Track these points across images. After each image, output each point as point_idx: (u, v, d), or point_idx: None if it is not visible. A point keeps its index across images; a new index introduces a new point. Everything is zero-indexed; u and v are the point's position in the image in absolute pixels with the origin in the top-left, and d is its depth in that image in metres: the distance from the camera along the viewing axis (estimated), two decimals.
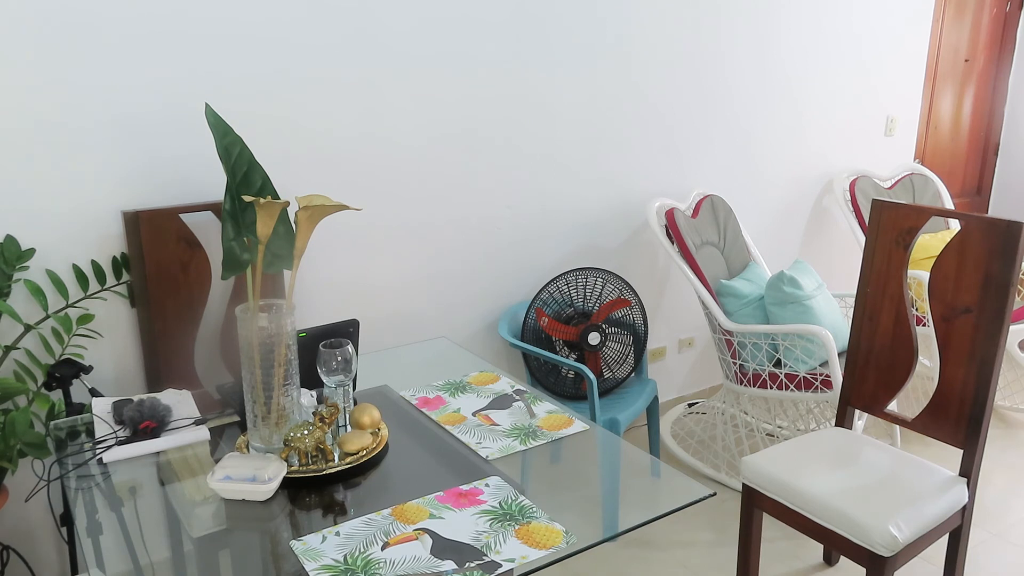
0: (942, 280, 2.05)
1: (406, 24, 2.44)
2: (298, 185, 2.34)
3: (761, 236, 3.55)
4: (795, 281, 2.79)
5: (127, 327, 2.18)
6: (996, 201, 4.95)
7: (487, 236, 2.78)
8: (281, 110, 2.29)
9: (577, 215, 2.98)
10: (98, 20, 1.98)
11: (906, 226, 2.12)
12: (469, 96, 2.62)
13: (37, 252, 2.01)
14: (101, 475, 1.59)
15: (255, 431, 1.61)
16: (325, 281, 2.47)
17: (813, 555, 2.49)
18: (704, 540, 2.57)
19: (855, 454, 2.15)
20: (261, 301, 1.60)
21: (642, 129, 3.06)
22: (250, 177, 1.78)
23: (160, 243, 2.10)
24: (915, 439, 3.06)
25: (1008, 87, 4.72)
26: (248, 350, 1.57)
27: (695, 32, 3.09)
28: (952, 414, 2.05)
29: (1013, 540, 2.58)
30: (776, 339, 2.75)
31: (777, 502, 2.06)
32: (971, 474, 2.03)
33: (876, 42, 3.72)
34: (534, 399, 1.94)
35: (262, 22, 2.20)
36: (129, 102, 2.07)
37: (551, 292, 2.81)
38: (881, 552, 1.84)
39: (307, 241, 1.62)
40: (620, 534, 1.46)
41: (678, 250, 2.88)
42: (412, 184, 2.58)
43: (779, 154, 3.54)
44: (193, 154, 2.18)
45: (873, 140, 3.91)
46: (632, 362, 2.87)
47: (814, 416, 2.96)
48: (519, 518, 1.43)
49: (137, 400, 1.76)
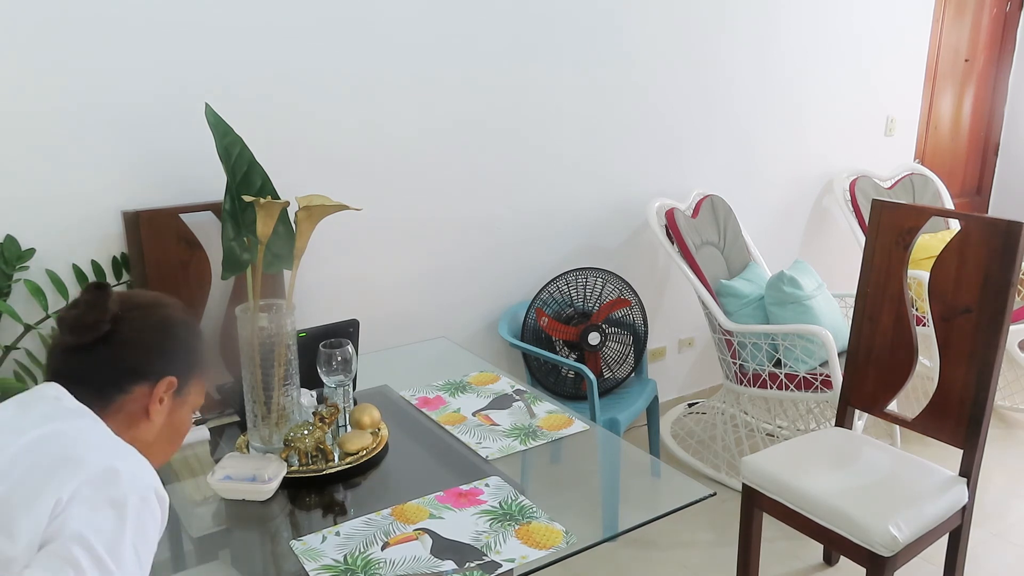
0: (942, 280, 2.05)
1: (406, 22, 2.44)
2: (298, 185, 2.34)
3: (761, 236, 3.54)
4: (795, 281, 2.79)
5: None
6: (996, 201, 4.95)
7: (487, 236, 2.78)
8: (281, 110, 2.29)
9: (577, 215, 2.98)
10: (98, 19, 1.98)
11: (906, 226, 2.12)
12: (470, 97, 2.62)
13: (37, 252, 2.01)
14: None
15: (255, 431, 1.61)
16: (325, 281, 2.47)
17: (813, 555, 2.49)
18: (704, 540, 2.57)
19: (855, 454, 2.15)
20: (261, 301, 1.60)
21: (642, 129, 3.06)
22: (250, 177, 1.78)
23: (160, 243, 2.10)
24: (915, 439, 3.06)
25: (1008, 87, 4.72)
26: (248, 350, 1.57)
27: (696, 32, 3.08)
28: (952, 414, 2.04)
29: (1013, 540, 2.58)
30: (776, 339, 2.75)
31: (777, 502, 2.06)
32: (971, 474, 2.03)
33: (876, 42, 3.72)
34: (534, 399, 1.94)
35: (262, 21, 2.20)
36: (129, 102, 2.07)
37: (551, 292, 2.81)
38: (881, 552, 1.84)
39: (307, 241, 1.62)
40: (620, 534, 1.46)
41: (678, 250, 2.88)
42: (412, 184, 2.58)
43: (779, 154, 3.54)
44: (193, 154, 2.18)
45: (873, 140, 3.91)
46: (632, 362, 2.87)
47: (814, 416, 2.96)
48: (519, 518, 1.43)
49: None
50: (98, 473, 0.94)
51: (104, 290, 1.06)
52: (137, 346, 1.07)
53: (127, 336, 1.06)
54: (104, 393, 1.05)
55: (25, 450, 0.95)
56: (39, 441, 0.96)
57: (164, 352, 1.09)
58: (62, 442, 0.96)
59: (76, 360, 1.05)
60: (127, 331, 1.06)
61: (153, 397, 1.08)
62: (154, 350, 1.08)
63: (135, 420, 1.07)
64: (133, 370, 1.06)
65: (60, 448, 0.95)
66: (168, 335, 1.10)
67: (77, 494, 0.91)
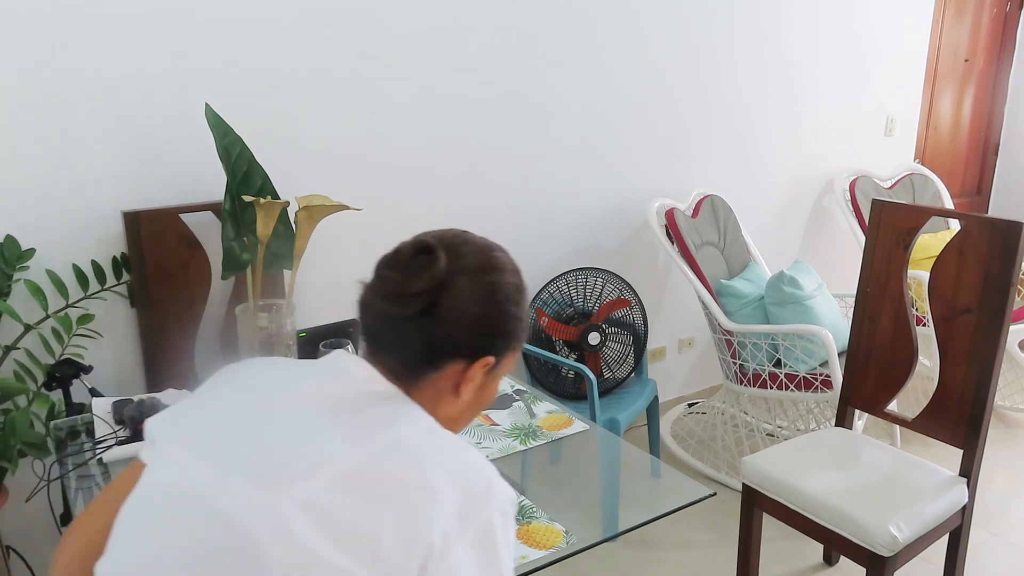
0: (942, 280, 2.05)
1: (406, 22, 2.44)
2: (298, 183, 2.34)
3: (761, 236, 3.54)
4: (795, 281, 2.79)
5: (127, 327, 2.18)
6: (996, 201, 4.95)
7: (487, 235, 2.77)
8: (281, 110, 2.28)
9: (577, 215, 2.98)
10: (98, 19, 1.98)
11: (906, 226, 2.12)
12: (470, 97, 2.62)
13: (37, 252, 2.01)
14: (101, 475, 1.59)
15: None
16: (325, 281, 2.47)
17: (813, 555, 2.49)
18: (704, 540, 2.57)
19: (855, 454, 2.15)
20: (261, 301, 1.60)
21: (642, 129, 3.06)
22: (250, 177, 1.79)
23: (160, 243, 2.10)
24: (915, 439, 3.06)
25: (1008, 87, 4.72)
26: (248, 350, 1.57)
27: (696, 32, 3.08)
28: (952, 414, 2.04)
29: (1013, 540, 2.58)
30: (776, 339, 2.75)
31: (777, 502, 2.06)
32: (971, 474, 2.03)
33: (876, 42, 3.72)
34: (534, 399, 1.94)
35: (261, 15, 2.20)
36: (130, 102, 2.07)
37: (551, 292, 2.81)
38: (881, 552, 1.84)
39: (307, 241, 1.62)
40: (620, 534, 1.46)
41: (678, 250, 2.88)
42: (412, 184, 2.58)
43: (779, 154, 3.54)
44: (193, 154, 2.18)
45: (873, 140, 3.91)
46: (632, 362, 2.87)
47: (814, 416, 2.96)
48: (519, 518, 1.43)
49: (137, 400, 1.76)
50: (457, 502, 0.84)
51: (432, 254, 0.92)
52: (460, 322, 0.92)
53: (450, 309, 0.91)
54: (415, 368, 0.94)
55: (375, 466, 0.84)
56: (386, 455, 0.85)
57: (488, 329, 0.94)
58: (410, 460, 0.86)
59: (389, 328, 0.93)
60: (451, 303, 0.91)
61: (467, 376, 0.96)
62: (478, 327, 0.93)
63: (442, 397, 0.97)
64: (452, 347, 0.93)
65: (411, 470, 0.85)
66: (496, 308, 0.95)
67: (447, 536, 0.82)
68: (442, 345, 0.93)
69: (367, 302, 0.97)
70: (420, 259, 0.93)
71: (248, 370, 1.01)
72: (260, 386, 0.96)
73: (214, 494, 0.84)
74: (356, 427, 0.87)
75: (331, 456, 0.84)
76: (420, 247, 0.94)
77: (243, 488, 0.84)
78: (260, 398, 0.94)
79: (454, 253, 0.95)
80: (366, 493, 0.82)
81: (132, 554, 0.87)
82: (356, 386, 0.92)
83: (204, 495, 0.85)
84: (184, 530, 0.84)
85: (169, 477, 0.90)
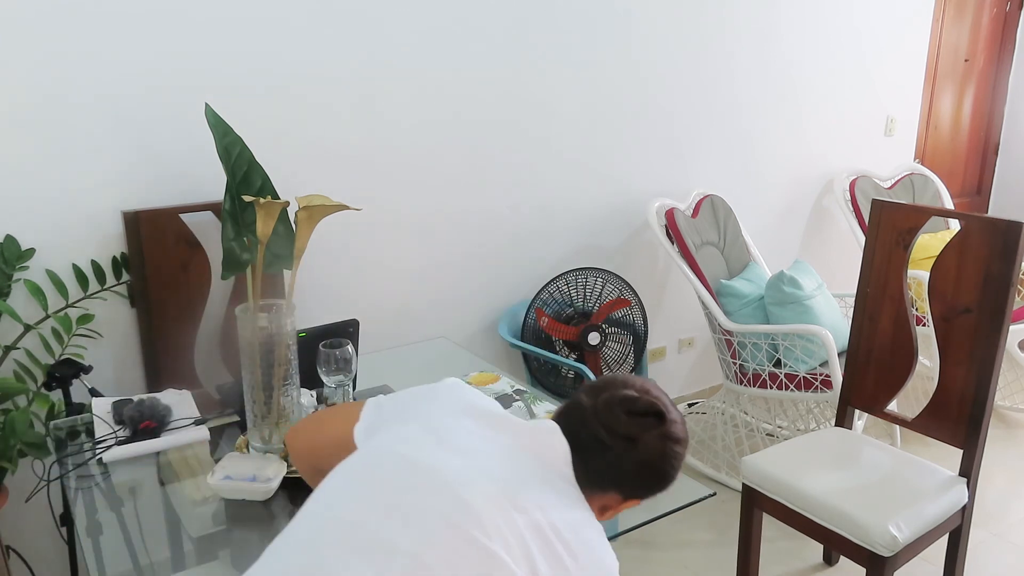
0: (942, 280, 2.05)
1: (406, 23, 2.44)
2: (298, 185, 2.34)
3: (761, 236, 3.55)
4: (795, 281, 2.79)
5: (127, 327, 2.18)
6: (996, 201, 4.95)
7: (487, 236, 2.78)
8: (281, 110, 2.29)
9: (577, 215, 2.98)
10: (98, 19, 1.98)
11: (906, 226, 2.12)
12: (470, 97, 2.62)
13: (37, 252, 2.01)
14: (101, 475, 1.59)
15: (255, 431, 1.61)
16: (325, 281, 2.47)
17: (813, 555, 2.49)
18: (704, 540, 2.57)
19: (855, 454, 2.15)
20: (261, 301, 1.60)
21: (642, 129, 3.06)
22: (250, 177, 1.78)
23: (160, 243, 2.10)
24: (915, 439, 3.06)
25: (1008, 87, 4.72)
26: (248, 350, 1.57)
27: (696, 32, 3.08)
28: (952, 414, 2.04)
29: (1013, 540, 2.58)
30: (776, 339, 2.75)
31: (777, 502, 2.06)
32: (971, 474, 2.03)
33: (876, 42, 3.72)
34: (534, 399, 1.94)
35: (261, 15, 2.20)
36: (129, 102, 2.07)
37: (551, 292, 2.81)
38: (881, 552, 1.84)
39: (307, 241, 1.62)
40: (620, 534, 1.46)
41: (678, 250, 2.88)
42: (412, 184, 2.58)
43: (779, 154, 3.54)
44: (193, 154, 2.18)
45: (873, 140, 3.91)
46: (632, 362, 2.87)
47: (814, 416, 2.96)
48: None
49: (137, 400, 1.76)
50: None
51: (663, 420, 1.09)
52: (640, 471, 1.10)
53: (638, 458, 1.09)
54: (591, 481, 1.09)
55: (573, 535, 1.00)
56: (579, 527, 1.02)
57: (654, 482, 1.13)
58: (588, 541, 1.01)
59: (593, 443, 1.09)
60: (642, 453, 1.09)
61: (615, 508, 1.13)
62: (650, 478, 1.12)
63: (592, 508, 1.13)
64: (623, 482, 1.10)
65: (590, 552, 1.01)
66: (667, 472, 1.13)
67: None
68: (617, 477, 1.10)
69: (583, 418, 1.11)
70: (651, 420, 1.09)
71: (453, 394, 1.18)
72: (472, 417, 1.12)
73: (462, 484, 0.98)
74: (560, 495, 1.04)
75: (550, 507, 1.01)
76: (655, 411, 1.10)
77: (487, 488, 0.98)
78: (477, 432, 1.10)
79: (671, 420, 1.12)
80: (565, 548, 0.98)
81: (363, 503, 0.99)
82: (557, 462, 1.08)
83: (451, 482, 0.98)
84: (423, 495, 0.98)
85: (407, 450, 1.04)
